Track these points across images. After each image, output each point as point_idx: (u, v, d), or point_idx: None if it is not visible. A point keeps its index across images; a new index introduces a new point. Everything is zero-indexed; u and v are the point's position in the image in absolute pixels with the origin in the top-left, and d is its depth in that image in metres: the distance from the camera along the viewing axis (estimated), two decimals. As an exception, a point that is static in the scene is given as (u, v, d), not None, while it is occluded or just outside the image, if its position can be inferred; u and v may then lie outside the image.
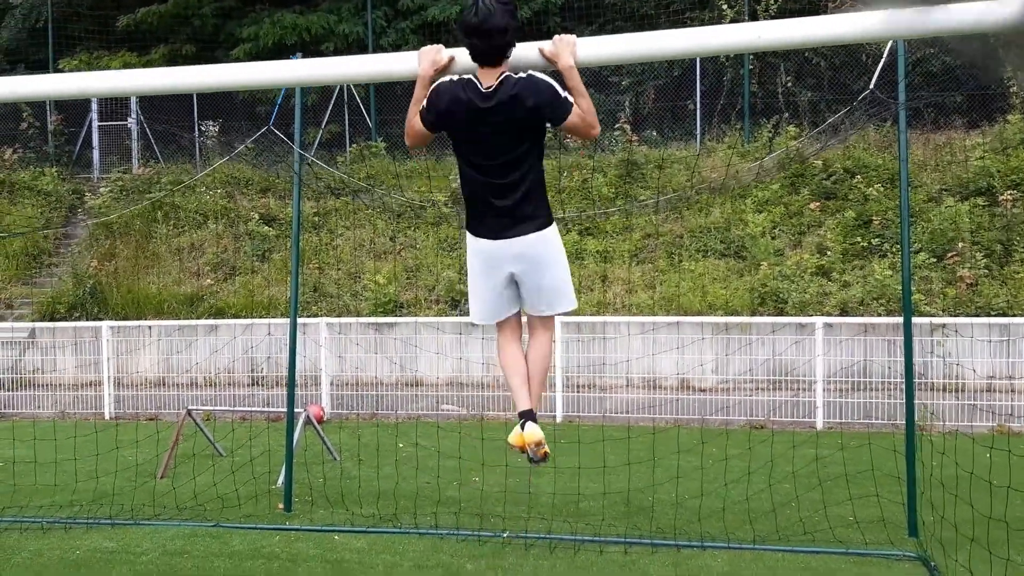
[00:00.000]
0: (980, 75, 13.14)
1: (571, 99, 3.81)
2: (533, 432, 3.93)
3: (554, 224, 4.04)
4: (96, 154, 18.13)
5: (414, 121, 3.97)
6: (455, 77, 3.90)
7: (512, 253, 3.97)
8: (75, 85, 4.43)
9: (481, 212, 4.00)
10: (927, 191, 13.14)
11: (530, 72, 3.83)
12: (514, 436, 3.98)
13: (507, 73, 3.82)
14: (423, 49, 3.94)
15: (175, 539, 6.46)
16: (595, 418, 10.96)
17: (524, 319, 4.27)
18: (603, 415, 11.03)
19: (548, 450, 4.00)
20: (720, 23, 15.80)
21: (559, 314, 4.23)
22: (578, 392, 11.45)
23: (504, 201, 3.92)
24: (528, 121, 3.82)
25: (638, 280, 12.94)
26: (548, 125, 3.91)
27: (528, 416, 3.99)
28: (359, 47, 18.01)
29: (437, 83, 3.92)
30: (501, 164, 3.89)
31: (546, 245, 4.01)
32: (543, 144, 3.98)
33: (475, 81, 3.84)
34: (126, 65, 18.46)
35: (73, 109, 18.04)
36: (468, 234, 4.11)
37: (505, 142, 3.85)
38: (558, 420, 11.09)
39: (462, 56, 3.89)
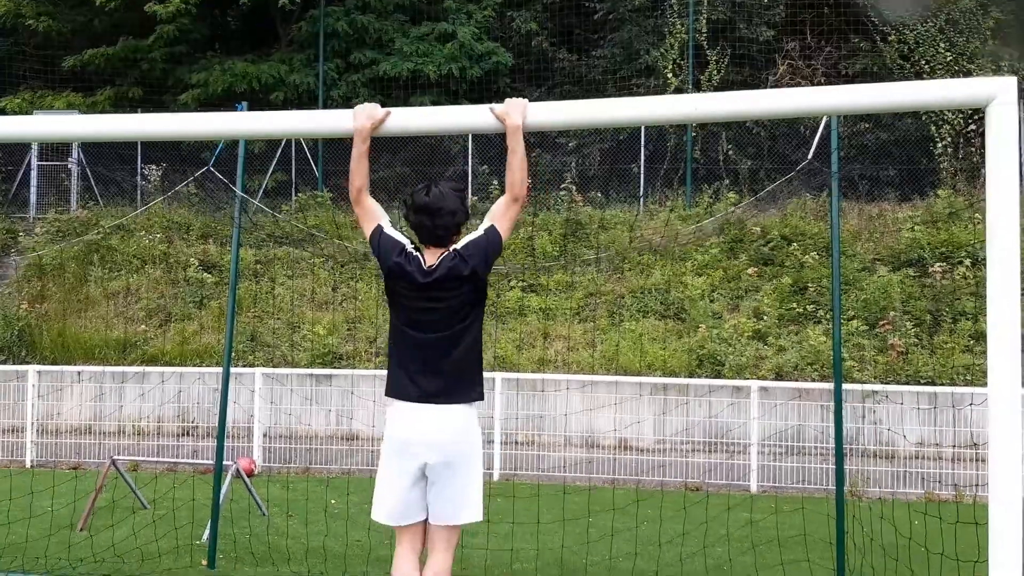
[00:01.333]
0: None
1: (492, 223, 3.89)
2: None
3: (479, 404, 3.94)
4: (33, 194, 17.74)
5: (365, 207, 4.00)
6: (407, 244, 3.92)
7: (432, 434, 3.82)
8: (14, 129, 4.35)
9: (411, 368, 3.87)
10: (861, 260, 13.50)
11: (455, 247, 3.89)
12: None
13: (446, 252, 3.88)
14: (358, 106, 3.95)
15: (90, 595, 6.20)
16: (532, 476, 10.89)
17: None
18: (540, 473, 10.96)
19: None
20: (665, 90, 16.22)
21: (462, 525, 3.98)
22: (516, 449, 11.38)
23: (440, 358, 3.85)
24: (471, 283, 3.86)
25: (579, 338, 12.99)
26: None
27: None
28: (309, 98, 18.04)
29: (388, 233, 3.95)
30: (439, 325, 3.88)
31: (467, 437, 3.89)
32: (484, 299, 3.98)
33: (419, 258, 3.88)
34: (70, 105, 18.22)
35: (12, 147, 17.66)
36: (390, 403, 3.94)
37: (445, 313, 3.87)
38: (495, 477, 10.99)
39: (399, 112, 3.92)
